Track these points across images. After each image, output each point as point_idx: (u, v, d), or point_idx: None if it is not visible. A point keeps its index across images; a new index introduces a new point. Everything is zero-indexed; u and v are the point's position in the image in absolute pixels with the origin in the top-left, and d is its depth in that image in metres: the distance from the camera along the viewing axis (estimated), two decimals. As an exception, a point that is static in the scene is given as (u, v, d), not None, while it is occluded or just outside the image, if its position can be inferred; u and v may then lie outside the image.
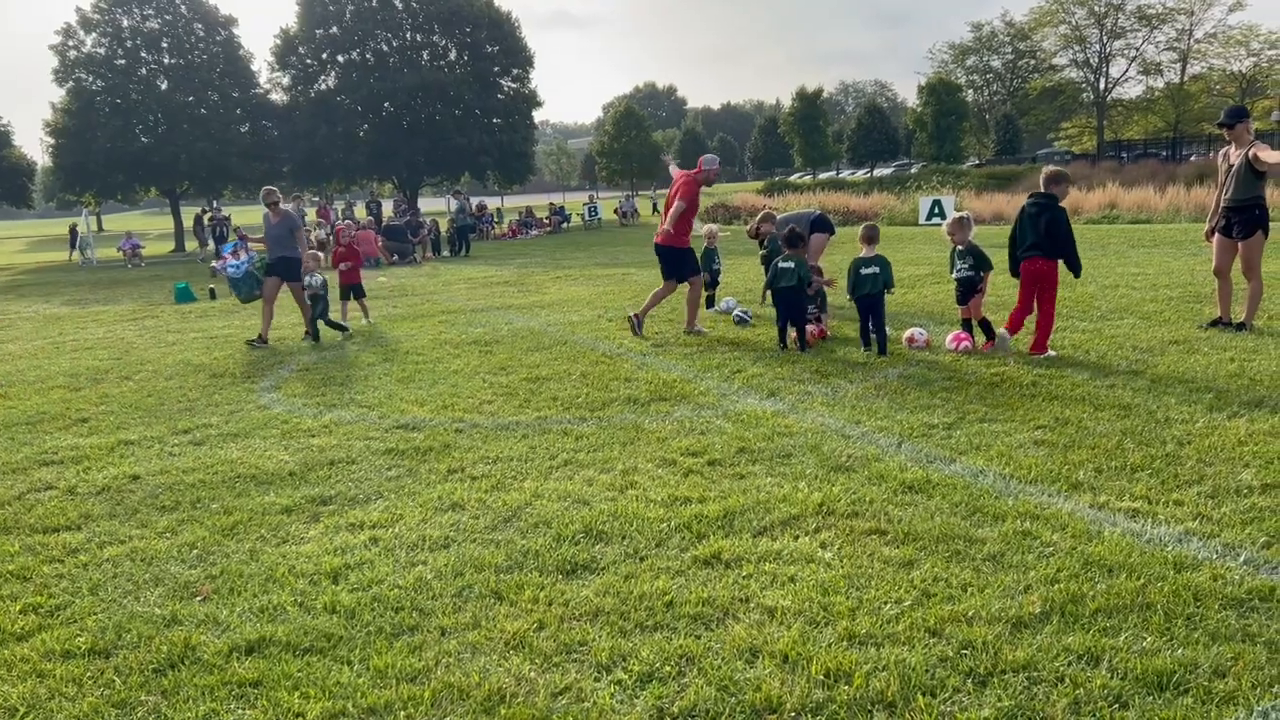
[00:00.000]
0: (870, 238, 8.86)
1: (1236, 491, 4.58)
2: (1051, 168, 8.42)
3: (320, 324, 11.70)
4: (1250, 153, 8.37)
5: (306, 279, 11.54)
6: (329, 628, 3.67)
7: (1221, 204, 8.72)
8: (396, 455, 6.06)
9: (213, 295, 18.12)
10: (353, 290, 12.87)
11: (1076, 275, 8.05)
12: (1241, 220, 8.52)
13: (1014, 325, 8.25)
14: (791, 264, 8.94)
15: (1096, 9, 71.66)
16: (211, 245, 34.36)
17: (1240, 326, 8.55)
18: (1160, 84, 73.95)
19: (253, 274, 12.06)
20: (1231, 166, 8.57)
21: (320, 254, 12.17)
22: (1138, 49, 72.90)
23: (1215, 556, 3.87)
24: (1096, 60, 74.13)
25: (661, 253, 10.52)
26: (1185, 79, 72.19)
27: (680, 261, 10.38)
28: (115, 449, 6.62)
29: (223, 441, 6.69)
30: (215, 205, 40.15)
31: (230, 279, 12.41)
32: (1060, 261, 7.94)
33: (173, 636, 3.67)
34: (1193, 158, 51.68)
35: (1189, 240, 17.99)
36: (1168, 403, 6.23)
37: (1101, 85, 74.70)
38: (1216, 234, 8.79)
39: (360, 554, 4.41)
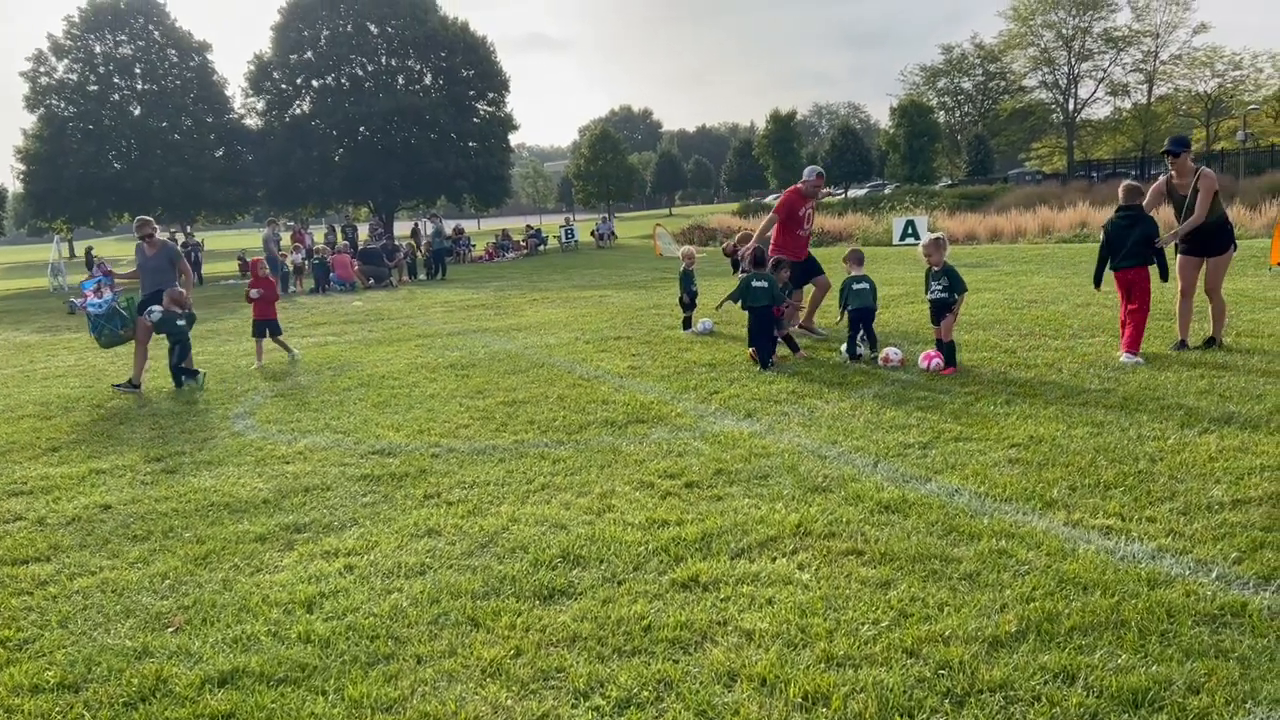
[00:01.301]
0: (858, 259, 9.53)
1: (1208, 507, 4.63)
2: (1129, 182, 8.99)
3: (179, 369, 10.31)
4: (1199, 184, 8.63)
5: (147, 311, 10.28)
6: (303, 657, 3.63)
7: (1185, 228, 8.79)
8: (372, 481, 6.02)
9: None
10: (268, 327, 11.72)
11: (1165, 280, 8.54)
12: (1211, 239, 8.67)
13: (1132, 342, 8.49)
14: (765, 283, 9.12)
15: (1064, 32, 72.88)
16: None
17: (1210, 342, 8.66)
18: (1128, 105, 75.23)
19: (117, 312, 10.65)
20: (1186, 195, 8.76)
21: (184, 292, 10.54)
22: (1105, 70, 74.17)
23: (1188, 573, 3.90)
24: (1065, 82, 75.31)
25: None
26: (1152, 100, 73.41)
27: (800, 270, 10.85)
28: (86, 478, 6.54)
29: (196, 469, 6.62)
30: (188, 230, 39.92)
31: (91, 318, 10.83)
32: (1151, 266, 8.48)
33: (144, 669, 3.61)
34: (1161, 177, 52.36)
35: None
36: (1140, 420, 6.29)
37: (1070, 106, 75.83)
38: (1180, 255, 8.91)
39: (335, 582, 4.37)
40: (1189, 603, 3.62)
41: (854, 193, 72.23)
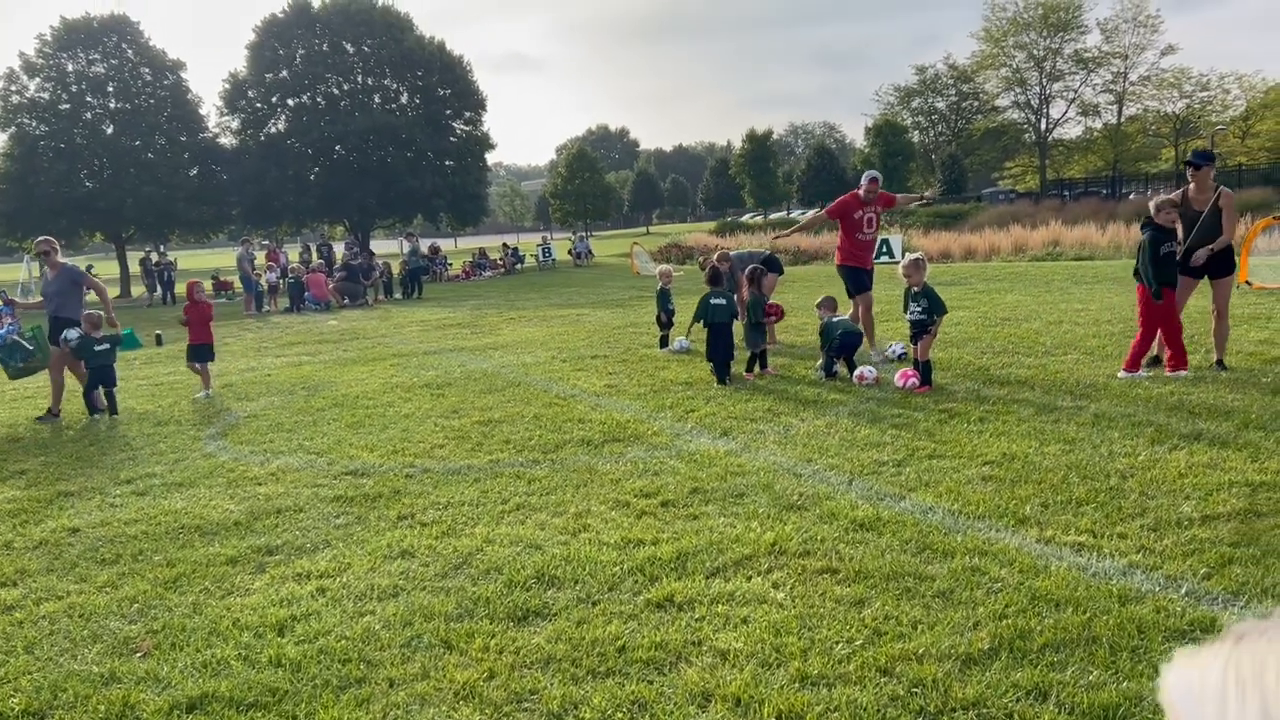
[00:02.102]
0: (832, 305, 9.77)
1: (1177, 524, 4.67)
2: (1159, 197, 8.68)
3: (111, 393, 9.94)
4: (1220, 202, 8.51)
5: (63, 338, 9.89)
6: (274, 682, 3.59)
7: (1187, 245, 8.67)
8: (345, 502, 5.97)
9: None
10: (201, 351, 10.90)
11: (1156, 299, 8.27)
12: (1215, 260, 8.53)
13: (1175, 357, 8.45)
14: (723, 300, 9.38)
15: (1035, 53, 73.84)
16: (159, 291, 33.84)
17: (1221, 365, 8.55)
18: (1098, 125, 76.24)
19: (19, 343, 10.12)
20: (1201, 211, 8.55)
21: (100, 314, 10.09)
22: (1076, 91, 75.14)
23: (1158, 589, 3.93)
24: (1037, 102, 76.23)
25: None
26: (1122, 120, 74.47)
27: (847, 278, 10.75)
28: (54, 501, 6.45)
29: (166, 491, 6.55)
30: (161, 250, 39.57)
31: None
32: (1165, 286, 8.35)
33: (111, 695, 3.56)
34: (1131, 196, 53.03)
35: (1130, 276, 18.42)
36: (1111, 437, 6.35)
37: (1042, 126, 76.74)
38: (1179, 275, 8.80)
39: (307, 605, 4.33)
40: (1159, 619, 3.65)
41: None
